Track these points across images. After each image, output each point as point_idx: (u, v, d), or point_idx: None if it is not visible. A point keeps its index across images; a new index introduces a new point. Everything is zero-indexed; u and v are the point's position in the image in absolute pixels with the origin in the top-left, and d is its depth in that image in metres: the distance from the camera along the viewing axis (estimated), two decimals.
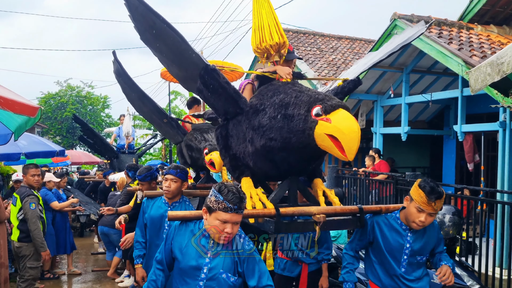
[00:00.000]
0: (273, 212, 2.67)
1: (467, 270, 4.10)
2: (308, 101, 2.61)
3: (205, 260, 2.40)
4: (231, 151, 3.07)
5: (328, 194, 3.03)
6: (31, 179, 5.28)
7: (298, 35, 15.15)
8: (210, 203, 2.32)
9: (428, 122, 10.24)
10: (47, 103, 32.54)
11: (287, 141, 2.64)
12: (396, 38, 3.55)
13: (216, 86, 2.77)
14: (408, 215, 2.79)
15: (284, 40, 3.01)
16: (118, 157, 9.92)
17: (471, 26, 7.79)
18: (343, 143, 2.41)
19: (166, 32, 2.64)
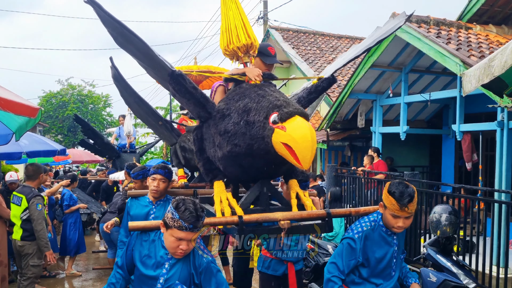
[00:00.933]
0: (235, 220, 2.64)
1: (463, 269, 4.13)
2: (267, 107, 2.60)
3: (161, 270, 2.38)
4: (205, 154, 3.06)
5: (300, 196, 2.98)
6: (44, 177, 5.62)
7: (298, 35, 15.20)
8: (167, 219, 2.28)
9: (427, 122, 10.26)
10: (49, 102, 32.62)
11: (250, 147, 2.62)
12: (377, 31, 3.45)
13: (183, 91, 2.77)
14: (386, 222, 2.73)
15: (251, 41, 2.98)
16: (120, 156, 9.99)
17: (470, 25, 7.81)
18: (297, 152, 2.40)
19: (132, 39, 2.65)
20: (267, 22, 16.84)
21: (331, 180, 8.53)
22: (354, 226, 2.81)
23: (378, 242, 2.75)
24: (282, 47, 13.80)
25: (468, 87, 2.66)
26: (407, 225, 2.68)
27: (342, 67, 3.37)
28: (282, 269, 4.14)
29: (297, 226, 2.79)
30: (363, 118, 9.49)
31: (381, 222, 2.77)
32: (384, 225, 2.76)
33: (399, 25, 3.24)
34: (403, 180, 2.83)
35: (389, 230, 2.75)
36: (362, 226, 2.78)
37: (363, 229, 2.76)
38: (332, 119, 9.69)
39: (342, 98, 9.07)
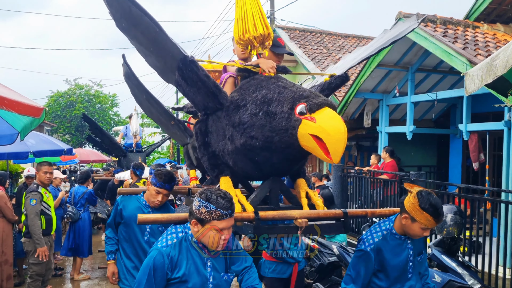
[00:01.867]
0: (252, 216, 2.51)
1: (469, 269, 4.11)
2: (292, 98, 2.45)
3: (207, 271, 2.26)
4: (210, 148, 2.91)
5: (311, 196, 2.88)
6: (43, 176, 5.38)
7: (305, 34, 15.16)
8: (202, 214, 2.13)
9: (434, 121, 10.19)
10: (56, 101, 32.88)
11: (269, 141, 2.48)
12: (387, 33, 3.37)
13: (194, 79, 2.58)
14: (410, 232, 2.60)
15: (269, 31, 2.84)
16: (126, 155, 10.03)
17: (477, 24, 7.75)
18: (328, 145, 2.26)
19: (142, 20, 2.44)
20: (273, 21, 16.82)
21: (337, 179, 8.51)
22: (365, 237, 2.71)
23: (391, 250, 2.66)
24: (288, 46, 13.78)
25: (471, 87, 2.64)
26: None
27: (355, 65, 3.26)
28: (289, 271, 4.07)
29: (312, 226, 2.67)
30: (370, 118, 9.45)
31: (393, 230, 2.69)
32: (397, 233, 2.68)
33: (413, 27, 3.12)
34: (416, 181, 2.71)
35: (402, 236, 2.68)
36: (373, 237, 2.68)
37: (374, 241, 2.66)
38: None
39: (348, 97, 9.04)
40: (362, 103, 9.65)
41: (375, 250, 2.63)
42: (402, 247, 2.68)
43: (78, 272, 7.04)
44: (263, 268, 4.11)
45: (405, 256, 2.68)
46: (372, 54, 3.17)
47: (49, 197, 5.54)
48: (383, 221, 2.78)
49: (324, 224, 2.75)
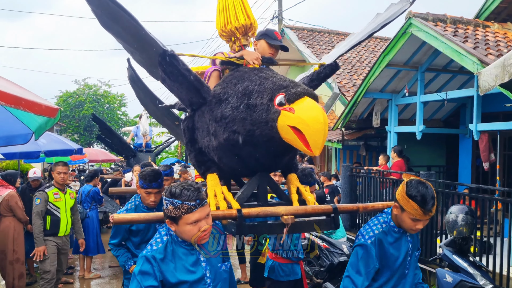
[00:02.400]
0: (234, 213, 2.40)
1: (480, 270, 4.10)
2: (271, 88, 2.34)
3: (201, 266, 2.14)
4: (197, 145, 2.81)
5: (302, 191, 2.78)
6: (57, 176, 5.38)
7: (313, 34, 15.14)
8: (171, 212, 2.02)
9: (444, 121, 10.15)
10: (65, 101, 33.10)
11: (251, 134, 2.37)
12: (379, 17, 3.20)
13: (175, 73, 2.49)
14: (402, 224, 2.48)
15: (251, 21, 2.75)
16: (136, 155, 10.10)
17: (488, 24, 7.71)
18: (307, 136, 2.15)
19: (121, 15, 2.36)
20: (281, 21, 16.81)
21: (345, 179, 8.49)
22: (364, 231, 2.57)
23: (391, 244, 2.53)
24: (296, 46, 13.76)
25: (485, 86, 2.63)
26: (424, 225, 2.47)
27: (345, 53, 3.14)
28: (298, 271, 4.04)
29: (301, 222, 2.56)
30: (378, 118, 9.43)
31: (392, 222, 2.55)
32: (395, 225, 2.54)
33: (404, 9, 2.97)
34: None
35: (401, 229, 2.54)
36: (373, 230, 2.54)
37: (374, 233, 2.52)
38: (347, 118, 9.64)
39: (357, 97, 9.02)
40: (371, 103, 9.64)
41: (376, 243, 2.49)
42: (401, 240, 2.56)
43: (89, 271, 7.10)
44: (277, 271, 3.98)
45: (405, 251, 2.57)
46: (362, 40, 3.04)
47: (60, 198, 5.44)
48: (380, 214, 2.67)
49: (312, 220, 2.62)
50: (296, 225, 2.48)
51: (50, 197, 5.35)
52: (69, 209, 5.55)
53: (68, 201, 5.56)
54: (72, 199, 5.64)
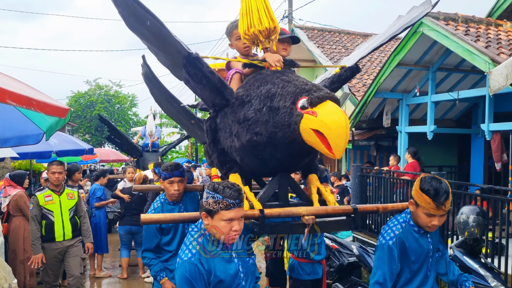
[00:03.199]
0: (257, 213, 2.46)
1: (492, 271, 4.05)
2: (294, 92, 2.41)
3: (234, 262, 2.27)
4: (219, 145, 2.87)
5: (322, 192, 2.81)
6: (51, 176, 4.91)
7: (323, 34, 15.11)
8: (209, 205, 2.14)
9: (456, 121, 10.06)
10: (77, 102, 33.42)
11: (273, 136, 2.44)
12: (400, 19, 3.19)
13: (199, 76, 2.57)
14: (418, 220, 2.52)
15: (274, 25, 2.78)
16: (143, 155, 10.18)
17: (500, 22, 7.62)
18: (329, 139, 2.21)
19: (147, 18, 2.45)
20: (292, 21, 16.79)
21: (356, 180, 8.45)
22: (384, 232, 2.58)
23: (412, 244, 2.54)
24: (307, 46, 13.73)
25: (495, 86, 2.60)
26: (441, 223, 2.47)
27: (366, 55, 3.17)
28: (321, 270, 4.03)
29: (321, 222, 2.61)
30: (389, 118, 9.36)
31: (411, 221, 2.57)
32: (415, 224, 2.56)
33: (426, 12, 2.97)
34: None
35: (421, 229, 2.56)
36: (393, 230, 2.55)
37: (395, 234, 2.53)
38: (357, 118, 9.59)
39: (368, 97, 8.97)
40: (381, 102, 9.58)
41: (397, 243, 2.51)
42: (422, 240, 2.57)
43: (100, 269, 7.17)
44: (297, 270, 4.00)
45: (426, 251, 2.57)
46: (384, 43, 3.04)
47: (52, 201, 4.92)
48: (399, 214, 2.68)
49: (332, 221, 2.68)
50: (317, 225, 2.56)
51: (40, 200, 4.88)
52: (66, 212, 4.98)
53: (65, 202, 5.01)
54: (71, 199, 5.07)
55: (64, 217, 4.93)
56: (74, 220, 5.06)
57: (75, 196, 5.11)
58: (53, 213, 4.88)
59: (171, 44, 2.54)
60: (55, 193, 4.95)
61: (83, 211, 5.24)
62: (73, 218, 5.04)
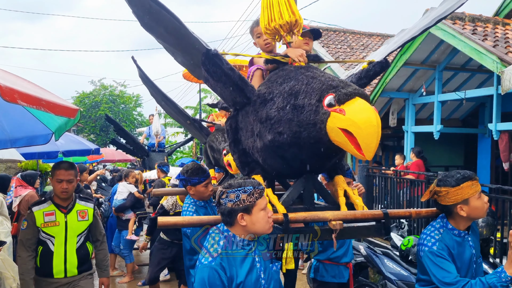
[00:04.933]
0: (280, 218, 2.32)
1: None
2: (320, 88, 2.25)
3: (256, 267, 2.15)
4: (241, 145, 2.75)
5: (350, 195, 2.65)
6: (57, 186, 3.45)
7: (328, 33, 15.07)
8: (245, 202, 2.04)
9: (462, 120, 10.03)
10: (82, 102, 33.51)
11: (297, 136, 2.29)
12: (432, 11, 3.01)
13: (219, 73, 2.45)
14: (479, 213, 2.38)
15: (296, 18, 2.63)
16: (149, 155, 10.20)
17: (507, 21, 7.58)
18: (359, 139, 2.05)
19: (163, 16, 2.34)
20: None
21: (362, 180, 8.43)
22: (423, 241, 2.45)
23: (456, 249, 2.41)
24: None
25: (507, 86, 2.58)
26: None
27: (396, 49, 3.02)
28: (347, 274, 3.85)
29: (349, 228, 2.46)
30: (395, 117, 9.34)
31: (450, 225, 2.46)
32: (454, 228, 2.44)
33: (462, 2, 2.74)
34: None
35: (462, 232, 2.44)
36: (432, 236, 2.43)
37: (436, 239, 2.41)
38: None
39: (374, 96, 8.94)
40: (387, 102, 9.55)
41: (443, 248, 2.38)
42: (464, 245, 2.44)
43: (113, 268, 7.19)
44: (321, 272, 3.83)
45: (469, 255, 2.45)
46: (416, 36, 2.90)
47: (55, 222, 3.43)
48: (434, 221, 2.56)
49: (360, 226, 2.53)
50: (344, 231, 2.41)
51: (38, 219, 3.40)
52: (73, 238, 3.49)
53: (73, 225, 3.50)
54: (83, 220, 3.57)
55: (69, 246, 3.47)
56: (84, 249, 3.59)
57: (88, 216, 3.63)
58: (54, 239, 3.43)
59: (189, 42, 2.43)
60: (60, 210, 3.48)
61: (101, 235, 3.78)
62: (83, 247, 3.57)
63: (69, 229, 3.49)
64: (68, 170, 3.46)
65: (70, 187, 3.46)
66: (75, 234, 3.52)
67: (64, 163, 3.56)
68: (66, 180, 3.44)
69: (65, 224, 3.47)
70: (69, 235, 3.48)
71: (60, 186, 3.43)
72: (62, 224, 3.46)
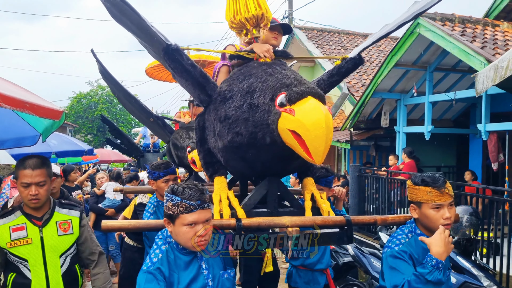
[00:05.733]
0: (233, 224, 2.17)
1: (485, 271, 4.08)
2: (274, 86, 2.13)
3: (203, 274, 2.02)
4: (206, 145, 2.58)
5: (316, 199, 2.49)
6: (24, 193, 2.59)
7: (323, 34, 15.14)
8: (169, 210, 1.93)
9: (454, 121, 10.09)
10: (79, 102, 33.52)
11: (253, 137, 2.16)
12: (415, 5, 2.84)
13: (180, 69, 2.32)
14: (429, 223, 2.22)
15: (262, 11, 2.53)
16: (144, 156, 10.25)
17: (497, 23, 7.65)
18: (307, 142, 1.92)
19: (125, 8, 2.25)
20: (292, 21, 16.84)
21: (354, 180, 8.48)
22: (389, 243, 2.30)
23: (419, 256, 2.22)
24: (306, 46, 13.77)
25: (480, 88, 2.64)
26: (453, 215, 2.18)
27: (371, 45, 2.83)
28: (324, 280, 3.74)
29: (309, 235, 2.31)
30: (387, 118, 9.41)
31: (418, 230, 2.30)
32: (423, 233, 2.26)
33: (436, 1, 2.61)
34: None
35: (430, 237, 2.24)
36: (398, 239, 2.28)
37: (401, 242, 2.26)
38: (355, 118, 9.63)
39: (366, 97, 9.01)
40: (379, 103, 9.62)
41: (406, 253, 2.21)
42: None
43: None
44: (294, 278, 3.73)
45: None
46: (393, 30, 2.72)
47: (25, 239, 2.56)
48: (404, 225, 2.41)
49: (323, 233, 2.35)
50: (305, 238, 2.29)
51: (3, 237, 2.54)
52: (54, 259, 2.62)
53: (51, 241, 2.62)
54: (65, 234, 2.68)
55: (51, 271, 2.60)
56: (72, 271, 2.72)
57: (73, 227, 2.74)
58: (28, 263, 2.55)
59: (152, 36, 2.30)
60: (32, 223, 2.61)
61: (95, 253, 2.85)
62: (71, 269, 2.70)
63: (47, 247, 2.58)
64: (36, 169, 2.56)
65: (42, 191, 2.58)
66: (57, 254, 2.62)
67: (30, 159, 2.62)
68: (35, 183, 2.54)
69: (41, 240, 2.57)
70: (48, 255, 2.58)
71: (27, 192, 2.53)
72: (37, 241, 2.56)
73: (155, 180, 3.49)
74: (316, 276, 3.69)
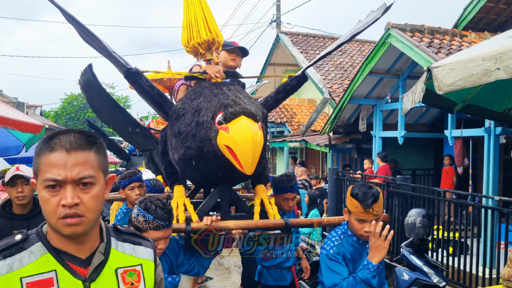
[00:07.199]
0: (183, 227, 2.46)
1: (435, 269, 4.43)
2: (215, 106, 2.46)
3: None
4: (168, 157, 2.89)
5: (265, 203, 2.80)
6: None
7: (308, 39, 15.47)
8: (139, 223, 2.10)
9: (430, 125, 10.45)
10: (70, 104, 33.63)
11: (200, 151, 2.48)
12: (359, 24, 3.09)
13: (139, 90, 2.65)
14: (352, 229, 2.46)
15: (213, 36, 2.81)
16: (130, 159, 10.46)
17: (465, 33, 8.00)
18: (238, 155, 2.29)
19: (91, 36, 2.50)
20: (280, 26, 17.14)
21: (332, 182, 8.81)
22: (325, 245, 2.52)
23: (352, 255, 2.45)
24: (290, 51, 14.09)
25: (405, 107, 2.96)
26: (376, 228, 2.32)
27: (314, 64, 3.22)
28: (290, 277, 3.95)
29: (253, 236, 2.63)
30: (365, 123, 9.76)
31: (349, 231, 2.49)
32: (353, 234, 2.47)
33: (377, 18, 2.90)
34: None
35: (360, 240, 2.47)
36: (332, 241, 2.48)
37: (334, 244, 2.46)
38: (334, 123, 9.97)
39: (343, 103, 9.35)
40: (357, 108, 9.97)
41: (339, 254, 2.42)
42: (361, 251, 2.48)
43: None
44: (265, 276, 3.92)
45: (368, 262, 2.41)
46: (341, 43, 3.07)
47: None
48: (338, 227, 2.63)
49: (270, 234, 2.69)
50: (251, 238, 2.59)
51: None
52: None
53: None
54: None
55: None
56: None
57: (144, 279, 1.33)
58: None
59: (116, 59, 2.61)
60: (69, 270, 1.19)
61: None
62: None
63: None
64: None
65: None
66: None
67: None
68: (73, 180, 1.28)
69: None
70: None
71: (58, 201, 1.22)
72: None
73: (123, 189, 3.71)
74: (284, 274, 3.95)
